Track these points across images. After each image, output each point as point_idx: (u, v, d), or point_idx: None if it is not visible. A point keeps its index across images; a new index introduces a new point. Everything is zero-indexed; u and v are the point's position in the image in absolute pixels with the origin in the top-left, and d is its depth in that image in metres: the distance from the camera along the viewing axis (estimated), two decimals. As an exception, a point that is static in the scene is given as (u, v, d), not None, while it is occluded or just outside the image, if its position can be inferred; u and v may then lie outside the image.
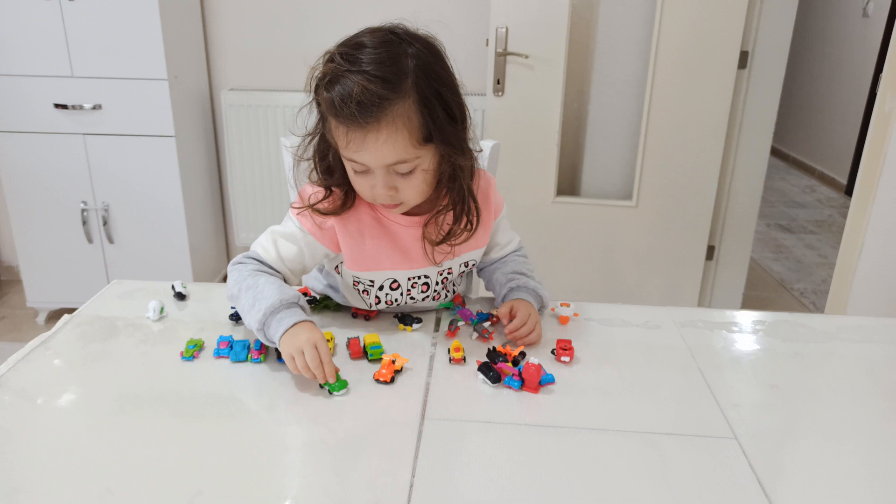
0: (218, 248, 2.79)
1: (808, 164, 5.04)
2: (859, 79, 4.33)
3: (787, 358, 0.97)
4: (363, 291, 1.01)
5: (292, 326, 0.85)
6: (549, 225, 2.46)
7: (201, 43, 2.56)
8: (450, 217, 0.95)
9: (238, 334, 0.95)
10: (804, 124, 5.16)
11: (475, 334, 0.98)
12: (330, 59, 0.85)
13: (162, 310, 1.00)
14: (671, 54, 2.23)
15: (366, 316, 1.03)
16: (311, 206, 0.93)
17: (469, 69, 2.57)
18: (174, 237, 2.43)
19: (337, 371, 0.84)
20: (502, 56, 2.28)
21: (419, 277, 1.00)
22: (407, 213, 0.96)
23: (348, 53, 0.83)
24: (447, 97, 0.87)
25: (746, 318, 1.07)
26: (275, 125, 2.54)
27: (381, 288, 0.99)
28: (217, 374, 0.87)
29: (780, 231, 3.77)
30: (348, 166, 0.90)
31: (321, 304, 1.05)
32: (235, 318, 0.99)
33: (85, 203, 2.37)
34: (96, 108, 2.25)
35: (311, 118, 0.91)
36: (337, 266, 1.01)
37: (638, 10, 2.30)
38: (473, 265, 1.07)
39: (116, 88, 2.23)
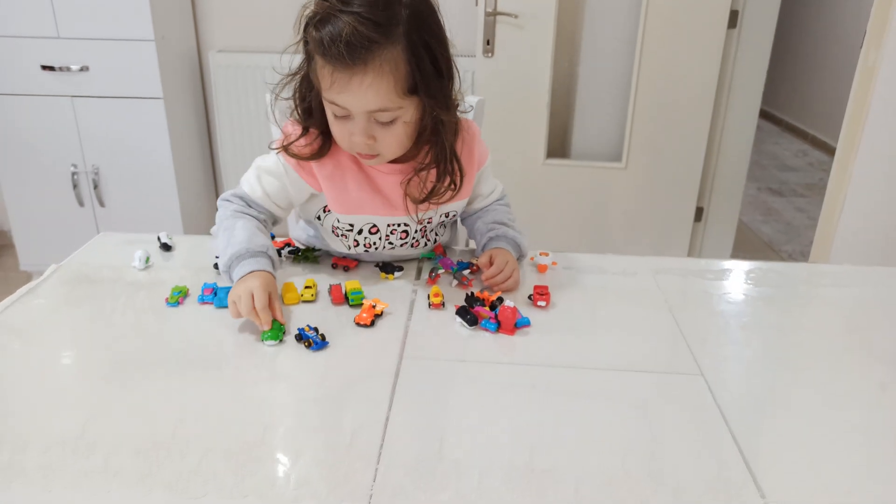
0: (209, 209, 2.80)
1: (800, 128, 5.03)
2: (852, 43, 4.31)
3: (757, 301, 0.99)
4: (342, 236, 1.02)
5: (247, 274, 0.88)
6: (539, 187, 2.47)
7: (188, 3, 2.54)
8: (433, 175, 0.96)
9: (222, 281, 0.97)
10: (797, 88, 5.14)
11: (455, 282, 1.01)
12: (314, 12, 0.85)
13: (148, 259, 1.02)
14: (661, 13, 2.23)
15: (345, 266, 1.04)
16: (286, 147, 0.94)
17: (458, 30, 2.55)
18: (165, 199, 2.43)
19: (275, 320, 0.85)
20: (491, 16, 2.27)
21: (398, 225, 1.02)
22: (389, 161, 0.96)
23: (335, 5, 0.83)
24: (436, 50, 0.87)
25: (721, 266, 1.09)
26: (263, 86, 2.52)
27: (360, 232, 1.01)
28: (201, 319, 0.89)
29: (771, 194, 3.78)
30: (329, 110, 0.89)
31: (303, 255, 1.07)
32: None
33: (75, 166, 2.37)
34: (84, 69, 2.24)
35: (293, 61, 0.92)
36: (319, 216, 1.03)
37: (628, -32, 2.29)
38: (455, 216, 1.09)
39: (103, 49, 2.22)
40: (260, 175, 0.98)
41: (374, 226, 1.01)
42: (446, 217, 1.06)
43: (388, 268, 1.03)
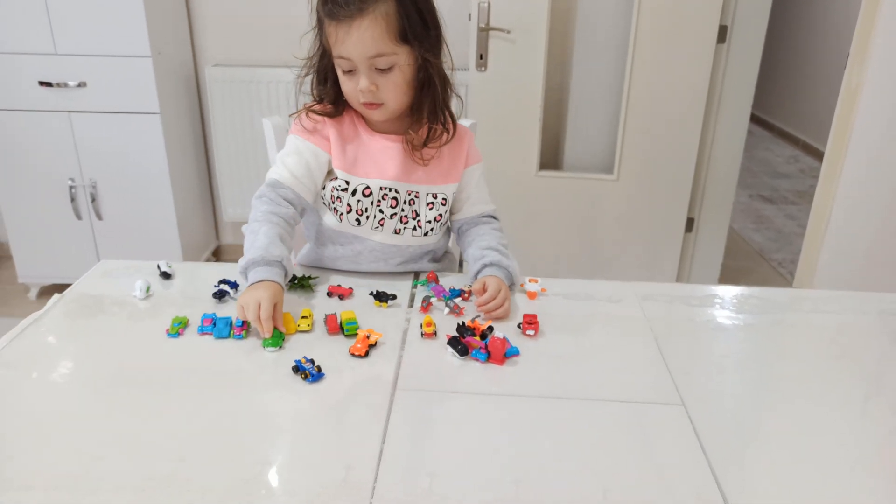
0: (205, 222, 2.83)
1: (792, 133, 5.08)
2: (844, 49, 4.35)
3: (740, 328, 1.03)
4: (337, 199, 1.10)
5: (258, 282, 0.97)
6: (532, 198, 2.51)
7: (184, 19, 2.56)
8: (423, 132, 1.10)
9: (221, 312, 1.00)
10: (789, 94, 5.19)
11: (447, 309, 1.04)
12: None
13: (148, 289, 1.05)
14: (651, 29, 2.26)
15: (340, 295, 1.07)
16: (308, 108, 1.11)
17: (452, 44, 2.59)
18: (162, 213, 2.46)
19: (276, 328, 0.93)
20: (485, 31, 2.30)
21: (389, 189, 1.10)
22: (387, 133, 1.11)
23: None
24: (423, 8, 1.03)
25: (703, 293, 1.13)
26: (258, 100, 2.55)
27: (353, 193, 1.09)
28: (201, 350, 0.92)
29: (762, 202, 3.83)
30: (338, 69, 1.04)
31: (299, 283, 1.10)
32: (219, 296, 1.04)
33: (73, 180, 2.40)
34: (81, 85, 2.27)
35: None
36: (324, 185, 1.12)
37: (618, -16, 2.32)
38: (445, 215, 1.14)
39: (101, 66, 2.25)
40: (283, 159, 1.10)
41: (368, 187, 1.10)
42: (434, 198, 1.12)
43: (382, 296, 1.06)
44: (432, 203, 1.13)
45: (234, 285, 1.06)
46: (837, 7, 4.51)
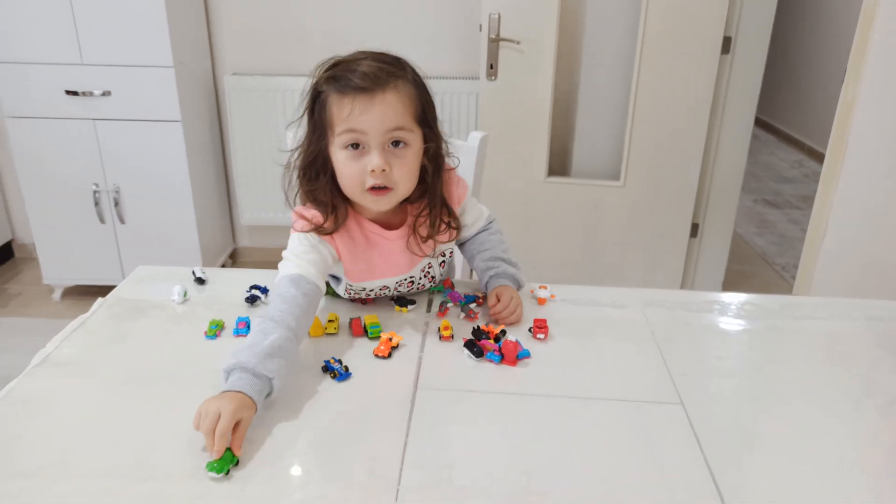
0: (223, 226, 2.91)
1: (797, 138, 5.13)
2: (848, 54, 4.40)
3: (738, 333, 1.10)
4: (355, 294, 1.13)
5: (231, 391, 0.83)
6: (540, 204, 2.58)
7: (204, 29, 2.65)
8: (424, 230, 1.06)
9: (254, 315, 1.08)
10: (794, 98, 5.24)
11: (462, 314, 1.11)
12: (334, 63, 0.98)
13: (185, 293, 1.13)
14: (657, 40, 2.33)
15: (363, 301, 1.15)
16: (318, 229, 1.01)
17: (463, 54, 2.67)
18: (182, 217, 2.55)
19: (228, 450, 0.77)
20: (495, 42, 2.37)
21: (405, 279, 1.12)
22: (387, 228, 1.06)
23: (351, 57, 0.97)
24: (430, 100, 1.02)
25: (703, 299, 1.20)
26: (275, 108, 2.64)
27: (371, 291, 1.12)
28: (236, 350, 1.00)
29: (766, 206, 3.88)
30: (342, 153, 0.96)
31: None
32: (251, 300, 1.12)
33: (97, 185, 2.48)
34: (105, 94, 2.35)
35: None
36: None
37: (625, -3, 2.40)
38: (451, 253, 1.19)
39: (125, 75, 2.33)
40: (297, 256, 1.00)
41: (385, 286, 1.11)
42: (442, 256, 1.16)
43: (401, 301, 1.14)
44: (442, 261, 1.16)
45: (265, 290, 1.14)
46: (842, 12, 4.56)
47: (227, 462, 0.76)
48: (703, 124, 2.43)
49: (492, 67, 2.42)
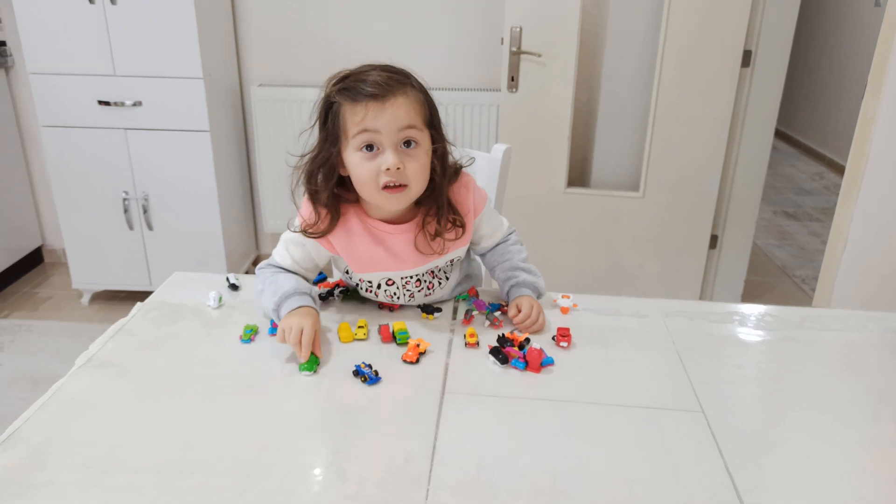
0: (248, 233, 2.97)
1: (817, 150, 5.12)
2: (869, 68, 4.40)
3: (754, 343, 1.12)
4: (367, 290, 1.17)
5: (296, 308, 1.04)
6: (559, 214, 2.61)
7: (232, 42, 2.72)
8: (433, 227, 1.10)
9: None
10: (814, 110, 5.23)
11: (487, 322, 1.14)
12: (344, 75, 1.04)
13: (220, 299, 1.17)
14: (677, 53, 2.36)
15: (390, 308, 1.19)
16: (304, 232, 1.09)
17: (485, 66, 2.72)
18: (208, 224, 2.61)
19: (313, 354, 1.00)
20: (516, 55, 2.41)
21: (410, 277, 1.15)
22: (392, 223, 1.10)
23: (360, 69, 1.04)
24: (435, 108, 1.08)
25: (723, 310, 1.22)
26: (299, 118, 2.69)
27: (378, 286, 1.16)
28: (272, 354, 1.04)
29: (786, 218, 3.88)
30: (357, 157, 1.02)
31: (352, 294, 1.21)
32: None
33: (126, 193, 2.55)
34: (137, 104, 2.42)
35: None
36: (347, 270, 1.18)
37: (645, 11, 2.43)
38: (460, 260, 1.21)
39: (156, 86, 2.40)
40: (287, 246, 1.14)
41: (389, 279, 1.15)
42: (451, 263, 1.19)
43: (428, 309, 1.17)
44: (450, 265, 1.19)
45: None
46: (863, 24, 4.56)
47: (314, 363, 0.99)
48: (722, 136, 2.45)
49: (513, 80, 2.46)
